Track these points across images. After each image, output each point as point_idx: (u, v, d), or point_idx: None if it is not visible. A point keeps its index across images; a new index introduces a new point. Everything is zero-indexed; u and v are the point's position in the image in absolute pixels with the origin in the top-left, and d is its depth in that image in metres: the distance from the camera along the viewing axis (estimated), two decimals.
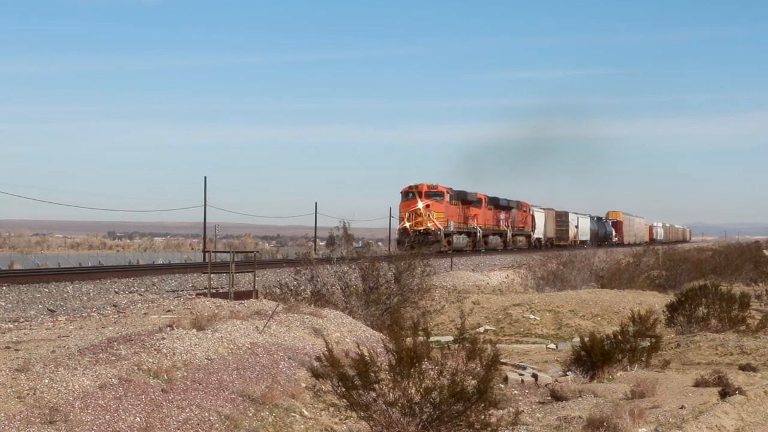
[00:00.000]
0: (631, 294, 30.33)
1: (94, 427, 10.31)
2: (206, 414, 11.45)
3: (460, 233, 61.09)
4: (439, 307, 24.67)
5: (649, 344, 18.14)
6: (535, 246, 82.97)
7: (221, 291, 21.97)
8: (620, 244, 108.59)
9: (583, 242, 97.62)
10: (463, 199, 62.69)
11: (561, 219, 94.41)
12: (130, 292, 22.64)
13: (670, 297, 26.65)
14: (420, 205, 56.70)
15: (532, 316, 26.23)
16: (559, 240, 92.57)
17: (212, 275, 22.25)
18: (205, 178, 57.53)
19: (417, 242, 48.20)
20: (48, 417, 10.17)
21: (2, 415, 10.01)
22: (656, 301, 28.32)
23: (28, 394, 10.62)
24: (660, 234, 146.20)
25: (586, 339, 17.73)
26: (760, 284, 40.82)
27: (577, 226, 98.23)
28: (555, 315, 26.47)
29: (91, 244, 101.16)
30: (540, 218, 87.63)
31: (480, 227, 66.17)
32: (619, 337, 17.67)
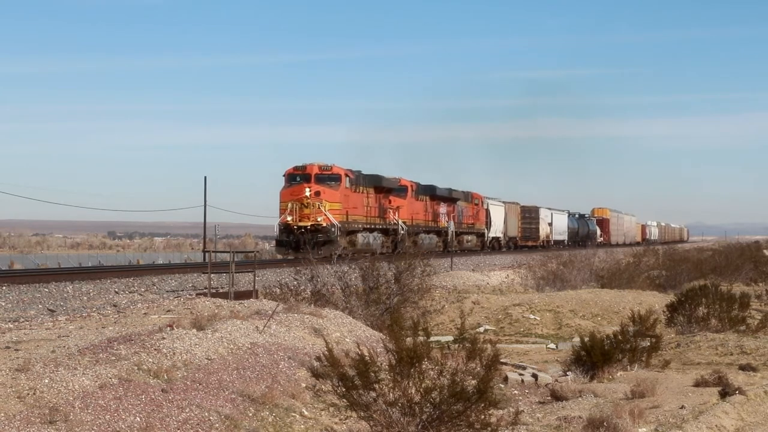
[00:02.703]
0: (631, 294, 30.31)
1: (94, 427, 10.31)
2: (206, 414, 11.46)
3: (371, 230, 47.48)
4: (439, 307, 24.64)
5: (649, 344, 18.14)
6: (491, 247, 71.30)
7: (221, 291, 21.96)
8: (607, 244, 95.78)
9: (559, 242, 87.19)
10: (376, 185, 48.93)
11: (528, 215, 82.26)
12: (130, 292, 22.64)
13: (670, 297, 26.64)
14: (307, 192, 43.19)
15: (532, 316, 26.23)
16: (526, 240, 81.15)
17: (212, 275, 22.24)
18: (205, 178, 57.60)
19: (302, 242, 40.05)
20: (48, 417, 10.16)
21: (2, 415, 10.01)
22: (656, 301, 28.31)
23: (28, 394, 10.61)
24: (654, 234, 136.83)
25: (586, 339, 17.73)
26: (760, 284, 40.79)
27: (550, 224, 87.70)
28: (555, 315, 26.47)
29: (91, 244, 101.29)
30: (498, 213, 73.86)
31: (404, 223, 51.79)
32: (619, 337, 17.67)
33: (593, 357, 17.20)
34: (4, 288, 22.49)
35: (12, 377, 10.95)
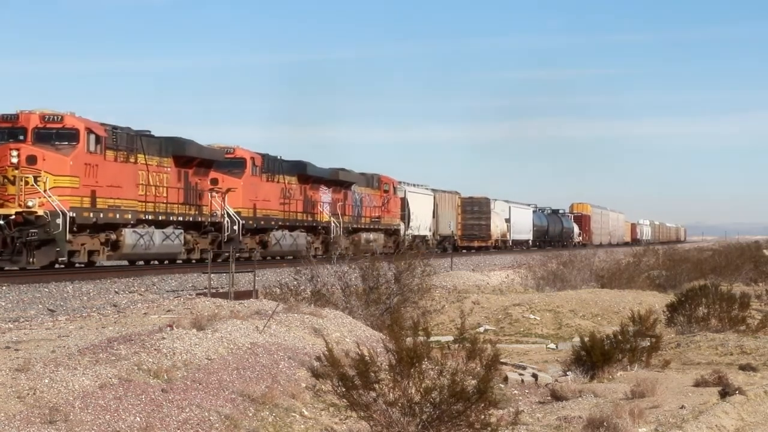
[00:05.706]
0: (631, 294, 30.30)
1: (94, 427, 10.31)
2: (206, 414, 11.46)
3: (163, 223, 31.90)
4: (439, 307, 24.58)
5: (649, 344, 18.15)
6: (414, 249, 50.59)
7: (221, 291, 21.97)
8: (587, 245, 77.19)
9: (521, 243, 76.28)
10: (178, 155, 32.63)
11: (477, 208, 67.26)
12: (130, 292, 22.64)
13: (670, 297, 26.65)
14: (14, 157, 26.40)
15: (532, 316, 26.22)
16: (471, 239, 67.36)
17: (212, 275, 22.25)
18: None
19: (3, 243, 25.67)
20: (48, 417, 10.17)
21: (2, 415, 10.01)
22: (656, 301, 28.30)
23: (28, 394, 10.62)
24: (647, 233, 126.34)
25: (586, 339, 17.74)
26: (760, 284, 40.81)
27: (508, 220, 73.68)
28: (555, 315, 26.46)
29: None
30: (421, 204, 57.33)
31: (238, 213, 35.92)
32: (619, 337, 17.68)
33: (593, 357, 17.20)
34: (4, 288, 22.49)
35: (12, 377, 10.95)
